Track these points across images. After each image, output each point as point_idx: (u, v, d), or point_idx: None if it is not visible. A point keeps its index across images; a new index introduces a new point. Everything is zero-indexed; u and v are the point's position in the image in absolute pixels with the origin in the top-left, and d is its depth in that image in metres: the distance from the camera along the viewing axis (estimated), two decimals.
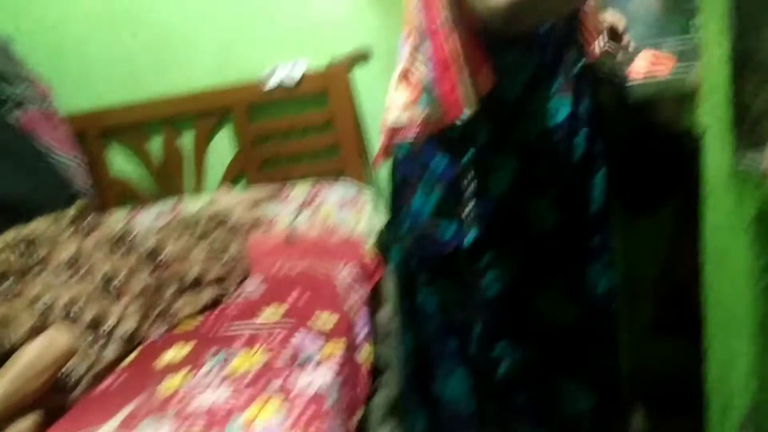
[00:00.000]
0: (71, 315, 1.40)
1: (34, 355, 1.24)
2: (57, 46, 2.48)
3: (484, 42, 1.27)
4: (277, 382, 1.27)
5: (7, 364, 1.21)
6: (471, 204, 1.39)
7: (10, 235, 1.52)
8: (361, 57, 2.41)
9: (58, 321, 1.34)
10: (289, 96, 2.41)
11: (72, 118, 2.46)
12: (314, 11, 2.40)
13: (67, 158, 2.38)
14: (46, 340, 1.28)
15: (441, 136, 1.37)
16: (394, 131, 1.44)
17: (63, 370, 1.29)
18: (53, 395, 1.29)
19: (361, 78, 2.40)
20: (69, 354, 1.32)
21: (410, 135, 1.41)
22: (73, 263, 1.49)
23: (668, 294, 1.73)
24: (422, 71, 1.35)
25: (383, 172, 2.43)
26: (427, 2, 1.30)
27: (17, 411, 1.20)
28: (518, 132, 1.36)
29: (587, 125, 1.41)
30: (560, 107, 1.36)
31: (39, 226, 1.56)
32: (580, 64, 1.38)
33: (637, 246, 1.70)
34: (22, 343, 1.24)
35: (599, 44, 1.42)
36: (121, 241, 1.62)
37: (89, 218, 1.64)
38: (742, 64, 0.95)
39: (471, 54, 1.28)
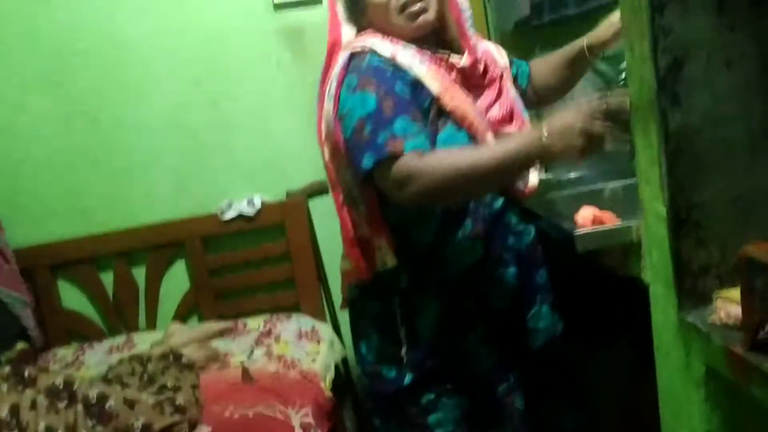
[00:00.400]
0: None
1: None
2: (11, 183, 2.46)
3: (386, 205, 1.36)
4: None
5: None
6: (404, 349, 1.42)
7: None
8: (318, 188, 2.44)
9: None
10: (246, 228, 2.41)
11: (23, 251, 2.42)
12: (270, 144, 2.45)
13: (15, 296, 2.32)
14: None
15: (372, 283, 1.43)
16: (344, 276, 1.47)
17: None
18: None
19: (319, 210, 2.42)
20: None
21: (352, 282, 1.44)
22: (8, 422, 1.41)
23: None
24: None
25: (339, 305, 2.43)
26: (332, 182, 1.42)
27: None
28: (436, 274, 1.41)
29: (514, 263, 1.44)
30: (474, 247, 1.40)
31: None
32: (499, 203, 1.42)
33: (595, 381, 1.68)
34: None
35: (534, 176, 1.47)
36: (63, 393, 1.54)
37: (29, 369, 1.56)
38: (679, 222, 0.98)
39: (374, 222, 1.38)
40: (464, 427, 1.44)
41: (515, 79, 1.54)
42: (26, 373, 1.54)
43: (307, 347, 2.19)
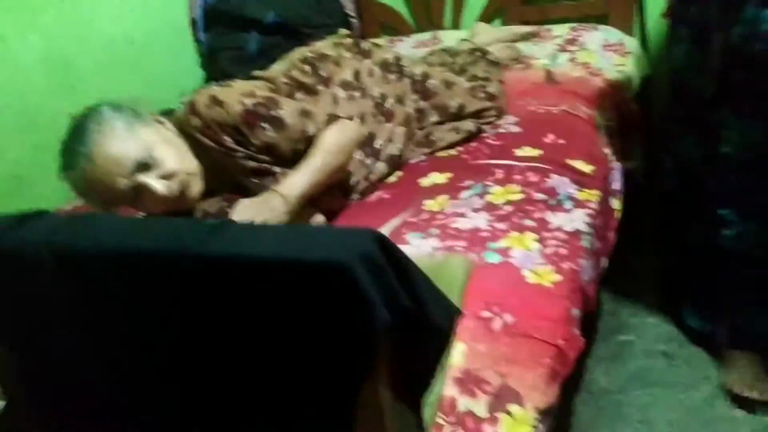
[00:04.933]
0: None
1: (335, 136, 1.38)
2: None
3: None
4: (532, 218, 1.32)
5: (315, 144, 1.37)
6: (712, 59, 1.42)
7: (297, 54, 1.66)
8: None
9: None
10: None
11: None
12: None
13: None
14: (340, 125, 1.41)
15: None
16: None
17: (346, 176, 1.44)
18: (338, 198, 1.46)
19: None
20: (359, 139, 1.45)
21: None
22: (351, 84, 1.61)
23: None
24: None
25: (652, 22, 2.25)
26: None
27: (326, 186, 1.37)
28: None
29: None
30: None
31: (321, 47, 1.68)
32: None
33: None
34: (319, 131, 1.39)
35: None
36: (392, 67, 1.70)
37: (365, 42, 1.73)
38: None
39: None
40: None
41: None
42: (364, 46, 1.71)
43: (613, 59, 2.12)
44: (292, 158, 1.37)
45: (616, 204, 1.57)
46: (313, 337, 0.54)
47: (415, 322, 0.54)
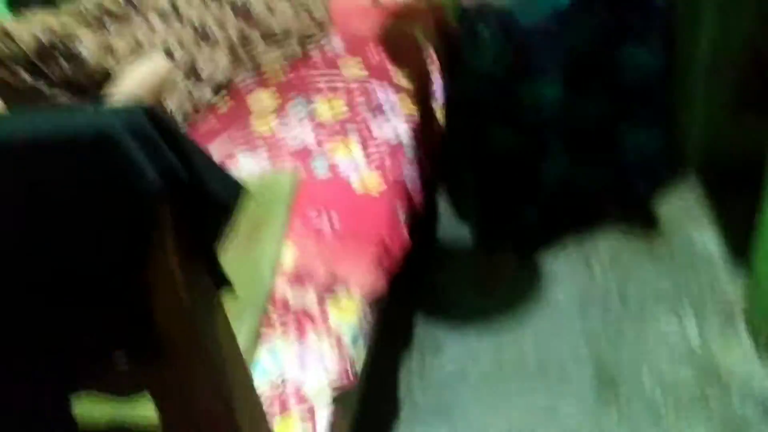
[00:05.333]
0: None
1: (138, 76, 1.32)
2: None
3: None
4: (357, 129, 1.38)
5: (117, 84, 1.30)
6: None
7: None
8: None
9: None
10: None
11: None
12: None
13: None
14: (149, 63, 1.35)
15: None
16: None
17: (166, 104, 1.41)
18: None
19: None
20: (170, 79, 1.39)
21: None
22: (167, 10, 1.56)
23: (754, 68, 1.68)
24: None
25: None
26: None
27: None
28: None
29: None
30: None
31: None
32: None
33: (721, 17, 1.63)
34: (123, 67, 1.32)
35: None
36: None
37: None
38: None
39: None
40: None
41: None
42: None
43: None
44: (96, 95, 1.31)
45: (438, 115, 1.66)
46: (92, 213, 0.55)
47: (193, 195, 0.57)
